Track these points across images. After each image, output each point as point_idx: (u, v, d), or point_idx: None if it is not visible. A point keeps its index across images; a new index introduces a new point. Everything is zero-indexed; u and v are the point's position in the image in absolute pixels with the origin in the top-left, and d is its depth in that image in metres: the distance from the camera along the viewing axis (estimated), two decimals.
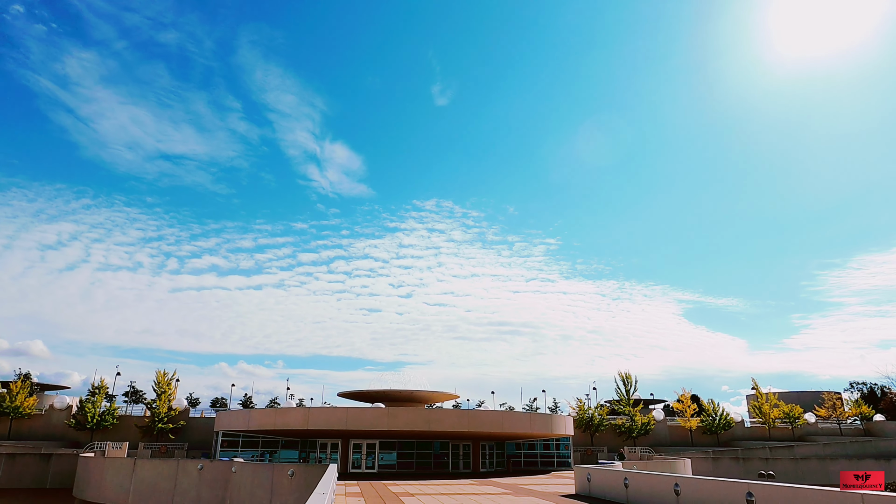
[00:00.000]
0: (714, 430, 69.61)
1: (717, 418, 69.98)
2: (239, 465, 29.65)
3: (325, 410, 41.53)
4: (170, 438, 57.29)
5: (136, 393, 75.94)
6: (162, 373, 58.72)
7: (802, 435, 72.64)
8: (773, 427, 71.32)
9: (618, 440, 67.08)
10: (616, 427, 68.11)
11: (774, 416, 70.71)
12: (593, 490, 24.08)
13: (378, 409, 40.82)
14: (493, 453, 48.55)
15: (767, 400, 71.89)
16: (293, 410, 43.07)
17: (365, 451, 43.74)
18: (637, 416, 67.97)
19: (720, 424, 69.69)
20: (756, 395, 73.87)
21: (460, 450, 45.47)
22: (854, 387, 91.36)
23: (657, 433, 69.88)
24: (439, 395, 54.13)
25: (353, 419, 39.46)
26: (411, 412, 40.60)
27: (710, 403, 72.27)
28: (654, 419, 69.33)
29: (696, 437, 70.16)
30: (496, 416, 43.79)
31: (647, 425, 67.58)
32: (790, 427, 72.00)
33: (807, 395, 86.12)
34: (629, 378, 70.65)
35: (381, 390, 50.27)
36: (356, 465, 43.49)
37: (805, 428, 73.40)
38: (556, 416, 46.90)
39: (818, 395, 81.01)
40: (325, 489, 14.62)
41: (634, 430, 66.99)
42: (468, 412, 43.69)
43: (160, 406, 57.09)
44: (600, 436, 67.55)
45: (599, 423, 66.93)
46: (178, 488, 32.10)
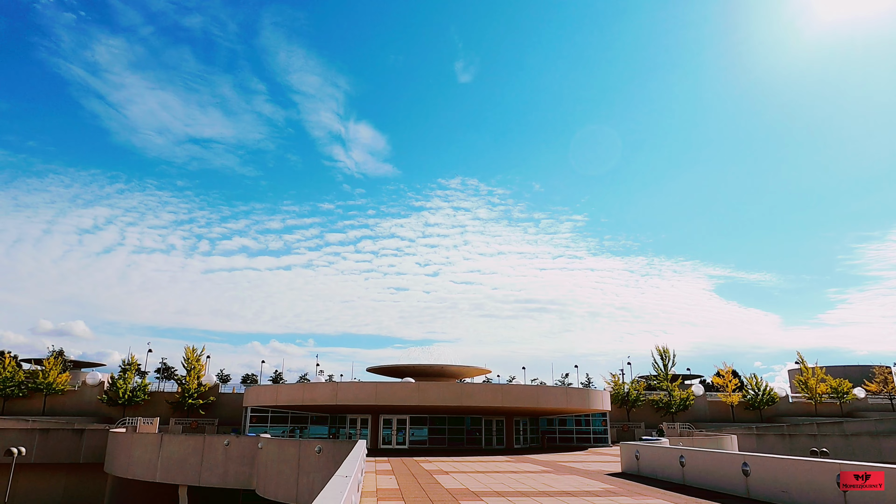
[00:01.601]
0: (757, 406, 66.83)
1: (761, 393, 67.12)
2: (265, 441, 28.58)
3: (353, 385, 40.34)
4: (200, 414, 57.21)
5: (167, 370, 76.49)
6: (191, 349, 58.51)
7: (851, 411, 69.32)
8: (820, 402, 68.16)
9: (655, 416, 64.88)
10: (653, 402, 65.88)
11: (821, 391, 67.49)
12: (643, 468, 22.16)
13: (408, 384, 39.46)
14: (526, 429, 46.97)
15: (814, 374, 68.62)
16: (321, 385, 42.01)
17: (395, 426, 42.56)
18: (675, 391, 65.58)
19: (763, 400, 66.85)
20: (801, 370, 70.62)
21: (493, 426, 43.97)
22: None
23: (696, 409, 67.44)
24: (470, 369, 52.60)
25: (383, 394, 38.15)
26: (442, 387, 39.11)
27: (752, 378, 69.42)
28: (693, 394, 66.84)
29: (737, 412, 67.49)
30: (531, 391, 42.05)
31: (685, 400, 65.18)
32: (838, 402, 68.73)
33: (853, 369, 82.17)
34: (667, 352, 68.10)
35: (410, 365, 48.93)
36: (386, 441, 42.37)
37: (854, 403, 70.03)
38: (593, 390, 44.94)
39: (867, 369, 77.19)
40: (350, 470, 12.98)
41: (673, 406, 64.67)
42: (502, 386, 42.05)
43: (190, 382, 56.93)
44: (637, 411, 65.43)
45: (636, 399, 64.78)
46: (206, 464, 31.31)
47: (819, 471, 13.68)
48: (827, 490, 13.18)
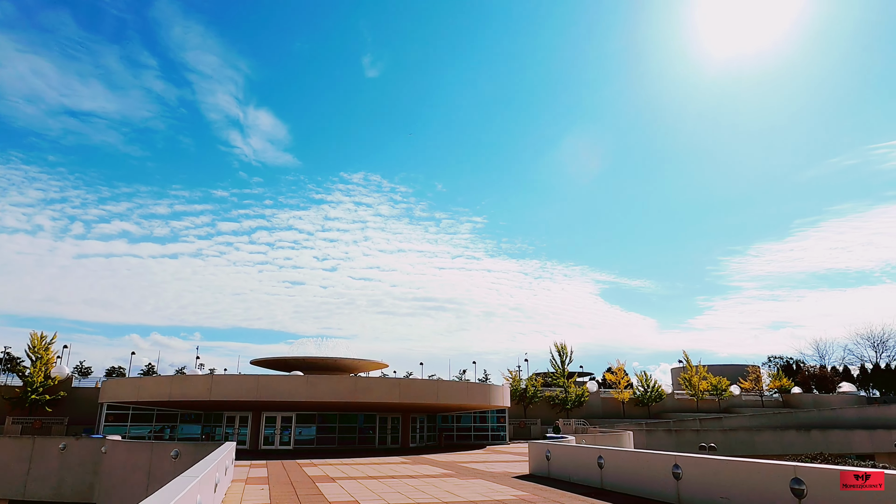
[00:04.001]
0: (646, 402, 68.79)
1: (650, 390, 69.17)
2: (111, 445, 23.54)
3: (232, 378, 35.53)
4: (47, 412, 49.07)
5: (12, 361, 65.91)
6: (38, 335, 50.05)
7: (728, 407, 73.40)
8: (702, 399, 71.48)
9: (551, 412, 64.77)
10: (550, 399, 65.78)
11: (703, 389, 70.79)
12: (554, 470, 19.98)
13: (296, 378, 35.35)
14: (423, 427, 44.29)
15: (697, 373, 71.87)
16: (194, 378, 36.70)
17: (280, 425, 38.22)
18: (571, 388, 65.89)
19: (652, 396, 68.94)
20: (686, 368, 73.79)
21: (388, 423, 40.84)
22: (772, 361, 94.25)
23: (590, 405, 68.25)
24: (366, 363, 49.09)
25: (266, 388, 33.77)
26: (335, 380, 35.38)
27: (642, 375, 71.49)
28: (588, 391, 67.55)
29: (627, 408, 69.11)
30: (431, 386, 39.37)
31: (581, 397, 65.66)
32: (717, 399, 72.48)
33: (730, 368, 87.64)
34: (564, 349, 68.37)
35: (300, 357, 44.57)
36: (269, 442, 37.94)
37: (730, 400, 74.22)
38: (494, 386, 43.12)
39: (742, 368, 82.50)
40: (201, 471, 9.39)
41: (569, 402, 64.88)
42: (400, 381, 39.03)
43: (35, 374, 48.61)
44: (534, 408, 64.99)
45: (533, 395, 64.30)
46: (34, 473, 25.54)
47: (770, 474, 11.87)
48: (779, 496, 11.36)
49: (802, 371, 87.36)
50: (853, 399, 77.86)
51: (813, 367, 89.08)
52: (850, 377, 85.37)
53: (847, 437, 64.40)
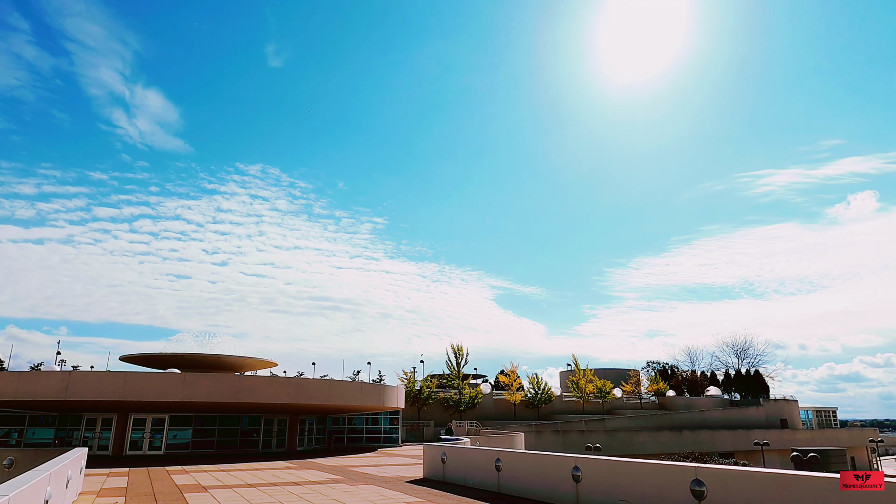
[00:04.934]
0: (536, 404, 70.52)
1: (540, 392, 71.00)
2: None
3: (93, 375, 31.56)
4: None
5: None
6: None
7: (610, 409, 77.09)
8: (587, 401, 74.50)
9: (444, 414, 64.53)
10: (443, 400, 65.55)
11: (589, 391, 73.81)
12: (450, 474, 19.15)
13: (170, 375, 32.05)
14: (312, 429, 42.08)
15: (584, 375, 74.84)
16: (47, 375, 32.17)
17: (150, 427, 34.56)
18: (466, 390, 66.10)
19: (542, 398, 70.80)
20: (574, 371, 76.63)
21: (274, 425, 38.30)
22: (650, 366, 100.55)
23: (483, 407, 68.85)
24: (254, 361, 46.00)
25: (136, 387, 30.29)
26: (216, 379, 32.49)
27: (533, 377, 73.25)
28: (481, 392, 68.10)
29: (518, 410, 70.48)
30: (323, 386, 37.40)
31: (474, 398, 66.02)
32: (601, 402, 75.88)
33: (613, 371, 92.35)
34: (461, 351, 68.55)
35: (179, 354, 40.77)
36: (137, 447, 34.18)
37: (613, 402, 78.01)
38: (389, 386, 41.90)
39: (624, 372, 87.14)
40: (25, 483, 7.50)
41: (462, 404, 64.99)
42: (290, 380, 36.71)
43: None
44: (427, 409, 64.43)
45: (428, 397, 63.75)
46: None
47: (670, 475, 11.67)
48: (679, 497, 11.15)
49: (676, 376, 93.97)
50: (718, 402, 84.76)
51: (685, 372, 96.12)
52: (716, 382, 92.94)
53: (713, 436, 69.77)
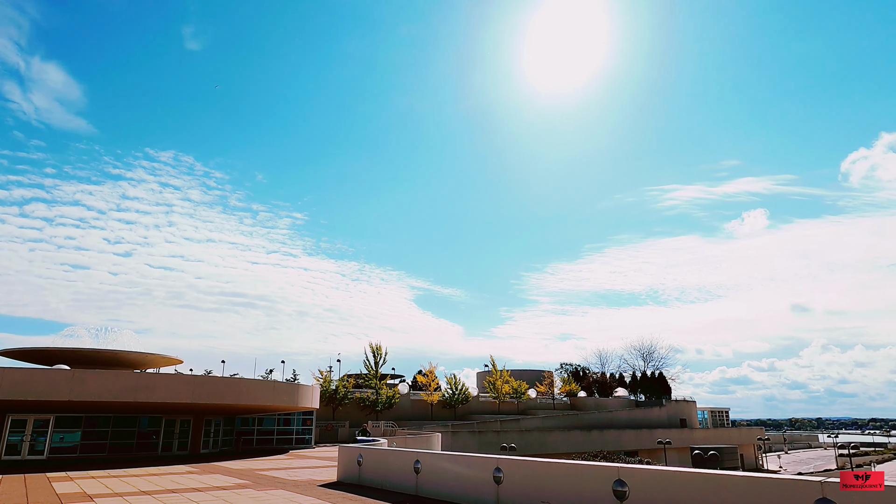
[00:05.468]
0: (453, 404, 70.68)
1: (457, 392, 71.23)
2: None
3: None
4: None
5: None
6: None
7: (525, 409, 78.62)
8: (503, 402, 75.57)
9: (360, 414, 63.28)
10: (360, 400, 64.27)
11: (505, 392, 74.91)
12: (366, 476, 18.37)
13: (58, 372, 29.05)
14: (219, 431, 39.76)
15: (501, 376, 75.89)
16: None
17: (31, 429, 31.26)
18: (383, 390, 65.15)
19: (459, 399, 71.06)
20: (491, 372, 77.52)
21: (176, 426, 35.79)
22: (563, 367, 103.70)
23: (400, 407, 68.15)
24: (156, 358, 42.82)
25: (15, 384, 27.19)
26: (111, 376, 29.80)
27: (451, 378, 73.40)
28: (399, 392, 67.39)
29: (436, 410, 70.35)
30: (233, 384, 35.35)
31: (391, 399, 65.19)
32: (516, 402, 77.23)
33: (528, 372, 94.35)
34: (379, 350, 67.46)
35: (69, 348, 37.17)
36: (15, 451, 30.77)
37: (527, 402, 79.63)
38: (304, 385, 40.33)
39: (539, 373, 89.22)
40: None
41: (379, 404, 63.97)
42: (196, 378, 34.36)
43: None
44: (343, 410, 62.93)
45: (344, 396, 62.26)
46: None
47: (592, 475, 11.55)
48: (601, 498, 11.05)
49: (587, 377, 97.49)
50: (625, 402, 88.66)
51: (596, 374, 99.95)
52: (623, 383, 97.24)
53: (619, 435, 72.77)
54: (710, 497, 9.56)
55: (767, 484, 8.90)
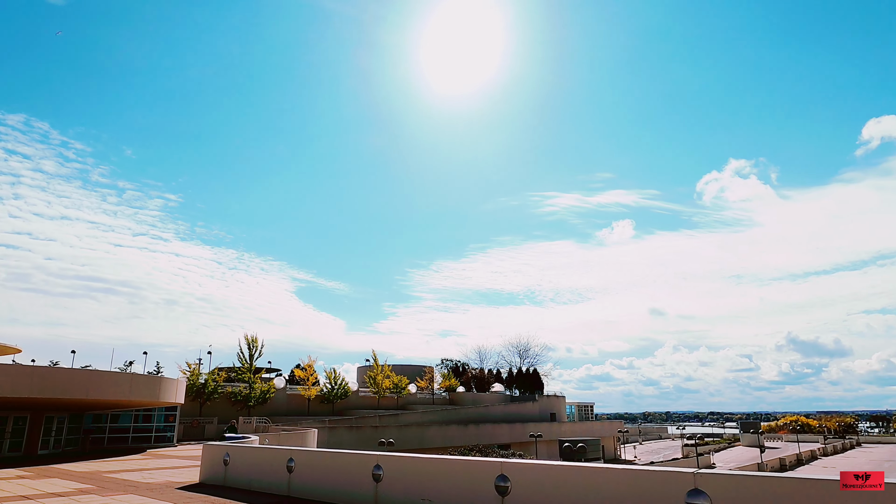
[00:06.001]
0: (332, 399, 68.92)
1: (337, 387, 69.57)
2: None
3: None
4: None
5: None
6: None
7: (405, 404, 78.61)
8: (383, 397, 74.99)
9: (232, 410, 59.71)
10: (231, 395, 60.62)
11: (386, 387, 74.38)
12: (233, 477, 16.94)
13: None
14: (62, 429, 35.37)
15: (382, 371, 75.23)
16: None
17: None
18: (257, 384, 61.97)
19: (338, 394, 69.43)
20: (372, 367, 76.58)
21: (8, 424, 31.30)
22: (444, 363, 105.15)
23: (275, 402, 65.23)
24: None
25: None
26: None
27: (331, 372, 71.58)
28: (274, 387, 64.46)
29: (313, 406, 68.17)
30: (82, 377, 31.51)
31: (266, 393, 62.20)
32: (396, 397, 76.97)
33: (409, 368, 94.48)
34: (255, 342, 64.08)
35: None
36: None
37: (407, 398, 79.69)
38: (167, 379, 37.08)
39: (420, 369, 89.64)
40: None
41: (252, 399, 60.75)
42: (36, 369, 30.15)
43: None
44: (212, 405, 58.99)
45: (213, 391, 58.37)
46: None
47: (475, 471, 11.29)
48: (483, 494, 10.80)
49: (467, 373, 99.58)
50: (501, 397, 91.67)
51: (475, 370, 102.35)
52: (501, 379, 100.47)
53: (494, 430, 75.00)
54: (589, 490, 9.61)
55: (644, 476, 9.09)
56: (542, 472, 10.54)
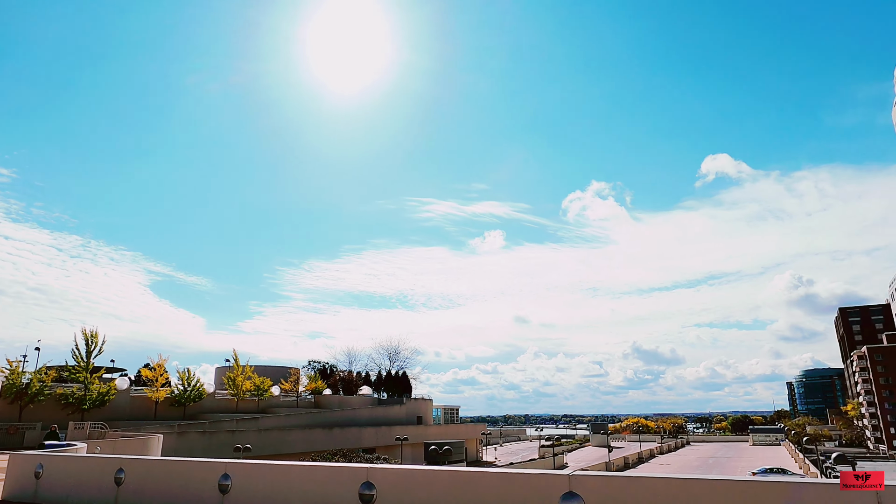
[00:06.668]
0: (183, 402, 63.39)
1: (190, 389, 64.15)
2: None
3: None
4: None
5: None
6: None
7: (266, 407, 74.58)
8: (242, 399, 70.53)
9: (62, 413, 52.52)
10: (63, 397, 53.43)
11: (247, 389, 70.07)
12: (46, 492, 14.31)
13: None
14: None
15: (243, 372, 70.80)
16: None
17: None
18: (95, 384, 55.25)
19: (191, 396, 64.04)
20: (232, 367, 71.80)
21: None
22: (311, 364, 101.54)
23: (117, 405, 58.59)
24: None
25: None
26: None
27: (184, 373, 65.90)
28: (116, 388, 57.85)
29: (161, 409, 62.19)
30: None
31: (105, 395, 55.61)
32: (257, 400, 72.78)
33: (273, 369, 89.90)
34: (95, 337, 57.04)
35: None
36: None
37: (269, 400, 75.71)
38: None
39: (285, 370, 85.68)
40: None
41: (87, 401, 54.01)
42: None
43: None
44: (37, 408, 51.54)
45: (39, 392, 51.08)
46: None
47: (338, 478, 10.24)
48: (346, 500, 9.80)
49: (335, 375, 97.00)
50: (370, 400, 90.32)
51: (343, 372, 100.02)
52: (369, 381, 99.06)
53: (360, 433, 73.54)
54: (460, 495, 9.03)
55: (518, 479, 8.67)
56: (411, 477, 9.82)
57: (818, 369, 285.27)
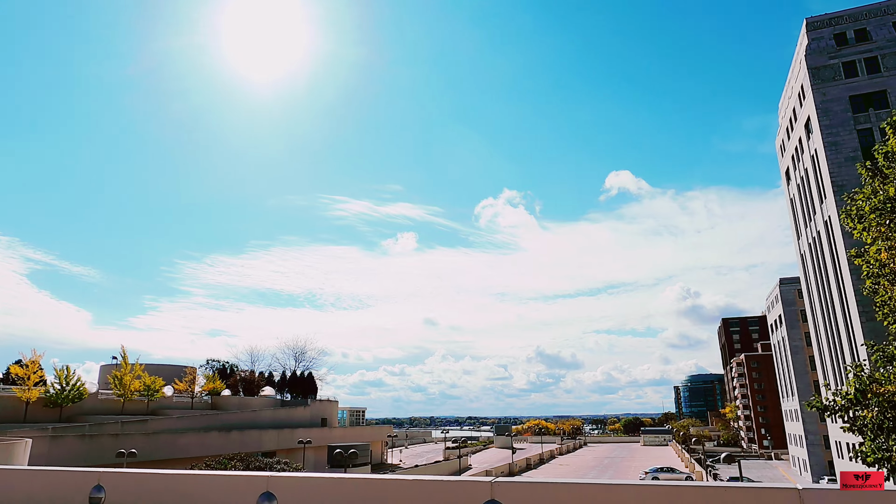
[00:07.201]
0: (60, 403, 57.58)
1: (69, 389, 58.40)
2: None
3: None
4: None
5: None
6: None
7: (156, 409, 69.51)
8: (129, 400, 65.22)
9: None
10: None
11: (135, 388, 64.88)
12: None
13: None
14: None
15: (132, 371, 65.51)
16: None
17: None
18: None
19: (70, 396, 58.32)
20: (120, 366, 66.26)
21: None
22: (209, 364, 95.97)
23: None
24: None
25: None
26: None
27: (62, 370, 59.91)
28: None
29: (33, 410, 56.15)
30: None
31: None
32: (146, 401, 67.63)
33: (167, 368, 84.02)
34: None
35: None
36: None
37: (160, 401, 70.67)
38: None
39: (180, 369, 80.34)
40: None
41: None
42: None
43: None
44: None
45: None
46: None
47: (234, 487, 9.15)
48: None
49: (235, 375, 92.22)
50: (272, 402, 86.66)
51: (244, 372, 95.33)
52: (272, 382, 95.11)
53: (261, 436, 70.27)
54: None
55: (440, 486, 8.06)
56: (316, 485, 8.93)
57: (702, 375, 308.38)
